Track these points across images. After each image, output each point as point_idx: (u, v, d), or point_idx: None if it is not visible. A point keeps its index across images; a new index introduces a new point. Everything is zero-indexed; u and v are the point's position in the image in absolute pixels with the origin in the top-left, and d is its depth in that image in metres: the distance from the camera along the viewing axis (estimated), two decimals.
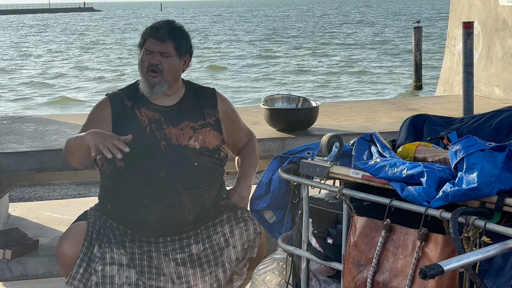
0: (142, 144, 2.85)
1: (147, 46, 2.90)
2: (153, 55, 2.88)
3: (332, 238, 2.15)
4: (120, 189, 2.88)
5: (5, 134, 4.18)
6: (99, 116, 2.94)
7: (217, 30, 53.36)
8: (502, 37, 5.48)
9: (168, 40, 2.88)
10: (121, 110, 2.93)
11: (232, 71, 25.45)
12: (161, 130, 2.90)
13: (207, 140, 2.94)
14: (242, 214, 2.95)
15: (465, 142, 1.86)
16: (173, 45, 2.89)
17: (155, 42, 2.88)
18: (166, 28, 2.91)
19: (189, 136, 2.92)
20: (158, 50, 2.88)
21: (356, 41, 37.57)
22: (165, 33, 2.89)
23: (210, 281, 2.84)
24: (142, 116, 2.91)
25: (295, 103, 4.18)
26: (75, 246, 2.76)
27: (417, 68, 18.64)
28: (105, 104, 2.97)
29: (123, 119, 2.91)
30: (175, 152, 2.86)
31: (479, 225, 1.70)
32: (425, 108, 4.92)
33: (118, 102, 2.95)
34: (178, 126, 2.92)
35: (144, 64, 2.91)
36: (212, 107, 3.04)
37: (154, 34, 2.89)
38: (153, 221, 2.85)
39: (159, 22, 2.97)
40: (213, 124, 2.99)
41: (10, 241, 3.73)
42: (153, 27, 2.93)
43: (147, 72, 2.89)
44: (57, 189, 7.16)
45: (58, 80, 23.32)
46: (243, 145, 3.21)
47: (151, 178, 2.83)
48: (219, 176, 3.02)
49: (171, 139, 2.89)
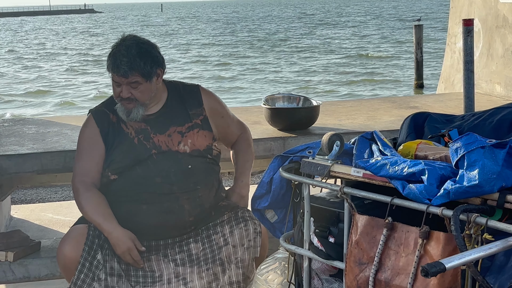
0: (132, 156, 2.84)
1: (114, 78, 2.81)
2: (121, 87, 2.81)
3: (333, 236, 2.14)
4: (117, 196, 2.87)
5: (6, 136, 4.18)
6: (91, 142, 2.91)
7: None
8: (502, 34, 5.47)
9: (131, 74, 2.77)
10: (108, 126, 2.90)
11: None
12: (149, 140, 2.87)
13: (197, 142, 2.91)
14: (242, 214, 2.95)
15: (466, 139, 1.85)
16: (139, 74, 2.79)
17: (120, 77, 2.79)
18: (125, 62, 2.76)
19: (178, 141, 2.89)
20: (125, 82, 2.80)
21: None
22: (126, 69, 2.77)
23: (208, 279, 2.81)
24: (129, 129, 2.88)
25: (295, 102, 4.17)
26: (76, 249, 2.76)
27: (418, 66, 18.63)
28: (91, 123, 2.93)
29: (111, 134, 2.89)
30: (167, 158, 2.85)
31: (480, 222, 1.69)
32: (426, 106, 4.92)
33: (103, 119, 2.92)
34: (165, 132, 2.89)
35: (115, 94, 2.85)
36: (198, 106, 2.98)
37: (115, 70, 2.79)
38: (153, 225, 2.84)
39: (119, 50, 2.80)
40: (200, 124, 2.95)
41: (12, 243, 3.73)
42: (114, 61, 2.79)
43: (120, 100, 2.85)
44: (59, 190, 7.17)
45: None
46: (237, 139, 3.17)
47: (146, 184, 2.82)
48: (215, 174, 3.00)
49: (161, 147, 2.86)
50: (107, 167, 2.86)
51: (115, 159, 2.84)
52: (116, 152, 2.85)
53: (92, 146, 2.89)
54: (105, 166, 2.87)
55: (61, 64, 30.13)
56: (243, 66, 27.15)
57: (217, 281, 2.83)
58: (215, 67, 27.17)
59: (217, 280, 2.83)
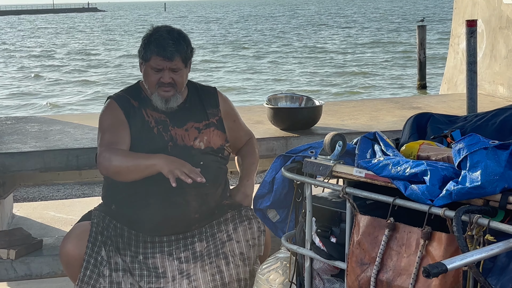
0: (151, 145, 2.85)
1: (155, 64, 2.82)
2: (162, 73, 2.82)
3: (335, 237, 2.14)
4: (125, 188, 2.88)
5: (9, 134, 4.19)
6: (116, 121, 2.88)
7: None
8: (506, 35, 5.46)
9: (176, 56, 2.81)
10: (130, 110, 2.91)
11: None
12: (168, 132, 2.90)
13: (212, 140, 2.95)
14: (246, 212, 2.96)
15: (469, 140, 1.85)
16: (181, 59, 2.84)
17: (163, 60, 2.80)
18: (172, 44, 2.81)
19: (194, 137, 2.92)
20: (168, 67, 2.82)
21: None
22: (173, 51, 2.80)
23: (211, 271, 2.81)
24: (149, 117, 2.91)
25: (298, 102, 4.18)
26: (78, 247, 2.76)
27: (421, 67, 18.61)
28: (113, 107, 2.92)
29: (133, 119, 2.90)
30: (180, 152, 2.87)
31: (482, 223, 1.69)
32: (429, 106, 4.92)
33: (125, 103, 2.93)
34: (183, 127, 2.92)
35: (153, 82, 2.85)
36: (215, 106, 3.04)
37: (161, 53, 2.80)
38: (158, 220, 2.85)
39: (162, 35, 2.84)
40: (216, 124, 3.00)
41: (15, 241, 3.73)
42: (158, 44, 2.81)
43: (158, 87, 2.85)
44: (61, 189, 7.17)
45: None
46: (243, 145, 3.21)
47: (157, 178, 2.83)
48: (224, 174, 3.04)
49: (177, 140, 2.89)
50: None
51: (135, 145, 2.85)
52: (137, 137, 2.86)
53: (117, 125, 2.86)
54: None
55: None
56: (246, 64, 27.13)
57: (221, 274, 2.83)
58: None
59: (221, 273, 2.83)
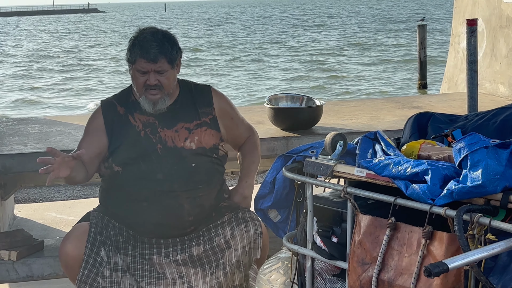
0: (138, 148, 2.85)
1: (140, 67, 2.79)
2: (148, 75, 2.80)
3: (336, 236, 2.14)
4: (119, 192, 2.88)
5: (10, 135, 4.19)
6: (92, 128, 2.95)
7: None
8: (506, 34, 5.46)
9: (160, 58, 2.77)
10: (114, 117, 2.91)
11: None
12: (156, 134, 2.87)
13: (203, 140, 2.91)
14: (243, 215, 2.93)
15: (469, 139, 1.85)
16: (166, 61, 2.79)
17: (148, 63, 2.77)
18: (155, 46, 2.77)
19: (185, 137, 2.89)
20: (152, 69, 2.79)
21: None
22: (156, 53, 2.76)
23: (211, 283, 2.83)
24: (136, 122, 2.89)
25: (299, 102, 4.18)
26: (78, 247, 2.76)
27: (422, 66, 18.60)
28: (97, 114, 2.97)
29: (116, 126, 2.90)
30: (171, 154, 2.85)
31: (484, 222, 1.69)
32: (430, 106, 4.92)
33: (110, 110, 2.94)
34: (173, 128, 2.89)
35: (140, 84, 2.83)
36: (208, 105, 2.99)
37: (145, 55, 2.77)
38: (153, 223, 2.85)
39: (145, 37, 2.81)
40: (209, 123, 2.96)
41: (16, 242, 3.74)
42: (142, 47, 2.78)
43: (145, 90, 2.83)
44: (62, 190, 7.18)
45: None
46: (244, 141, 3.18)
47: (148, 181, 2.83)
48: (219, 175, 3.00)
49: (167, 142, 2.87)
50: (112, 157, 2.87)
51: (120, 150, 2.85)
52: (121, 143, 2.86)
53: (93, 133, 2.92)
54: (109, 156, 2.88)
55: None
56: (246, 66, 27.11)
57: (220, 285, 2.85)
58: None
59: (219, 284, 2.85)
